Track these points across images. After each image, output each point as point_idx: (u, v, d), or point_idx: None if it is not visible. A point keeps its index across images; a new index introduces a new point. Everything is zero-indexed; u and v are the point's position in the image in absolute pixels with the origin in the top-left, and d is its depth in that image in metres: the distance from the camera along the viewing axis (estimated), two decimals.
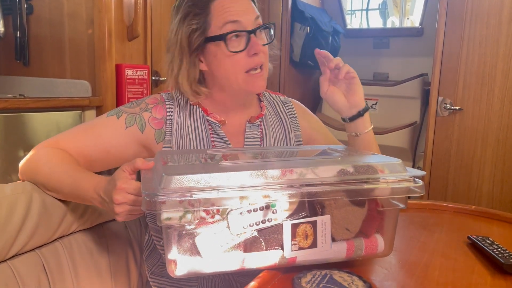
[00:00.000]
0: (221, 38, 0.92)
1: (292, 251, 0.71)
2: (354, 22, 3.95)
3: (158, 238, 1.02)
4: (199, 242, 0.67)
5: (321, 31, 2.90)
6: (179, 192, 0.62)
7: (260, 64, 0.95)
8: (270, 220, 0.69)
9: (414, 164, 3.01)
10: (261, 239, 0.70)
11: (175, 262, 0.68)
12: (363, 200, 0.75)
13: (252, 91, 0.98)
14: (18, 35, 1.84)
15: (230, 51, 0.92)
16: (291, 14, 2.81)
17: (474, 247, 0.88)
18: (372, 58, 3.38)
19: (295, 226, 0.70)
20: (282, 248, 0.71)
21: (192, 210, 0.64)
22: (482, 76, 2.09)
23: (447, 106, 2.17)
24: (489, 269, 0.79)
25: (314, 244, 0.71)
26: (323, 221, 0.71)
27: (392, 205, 0.75)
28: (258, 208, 0.68)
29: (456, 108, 2.16)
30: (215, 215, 0.67)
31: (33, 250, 0.87)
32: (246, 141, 1.01)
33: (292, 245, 0.70)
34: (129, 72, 1.67)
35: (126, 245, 1.10)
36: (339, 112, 1.02)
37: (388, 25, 3.82)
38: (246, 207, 0.68)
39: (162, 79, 1.89)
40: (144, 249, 1.11)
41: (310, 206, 0.72)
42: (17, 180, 0.91)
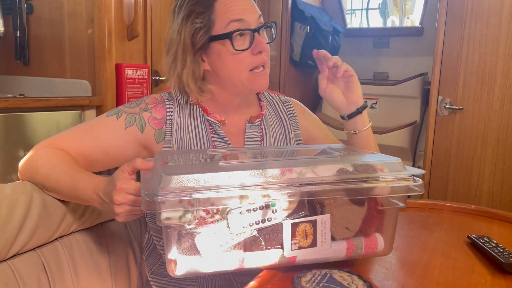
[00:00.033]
0: (226, 36, 0.92)
1: (292, 250, 0.71)
2: (354, 22, 3.95)
3: (158, 238, 1.02)
4: (199, 241, 0.67)
5: (321, 31, 2.90)
6: (179, 192, 0.62)
7: (263, 62, 0.95)
8: (270, 219, 0.69)
9: (414, 163, 3.01)
10: (261, 239, 0.70)
11: (175, 262, 0.68)
12: (362, 199, 0.75)
13: (256, 89, 0.99)
14: (18, 35, 1.85)
15: (236, 50, 0.92)
16: (291, 13, 2.81)
17: (474, 246, 0.88)
18: (372, 57, 3.38)
19: (294, 226, 0.70)
20: (282, 248, 0.71)
21: (192, 209, 0.64)
22: (482, 75, 2.09)
23: (447, 105, 2.17)
24: (489, 268, 0.79)
25: (314, 243, 0.71)
26: (323, 220, 0.72)
27: (392, 204, 0.75)
28: (258, 207, 0.68)
29: (456, 107, 2.15)
30: (214, 214, 0.67)
31: (33, 249, 0.87)
32: (246, 140, 1.01)
33: (292, 244, 0.70)
34: (129, 72, 1.67)
35: (126, 244, 1.10)
36: (337, 109, 1.02)
37: (388, 24, 3.82)
38: (246, 207, 0.68)
39: (162, 78, 1.89)
40: (144, 248, 1.11)
41: (309, 205, 0.72)
42: (17, 180, 0.91)
